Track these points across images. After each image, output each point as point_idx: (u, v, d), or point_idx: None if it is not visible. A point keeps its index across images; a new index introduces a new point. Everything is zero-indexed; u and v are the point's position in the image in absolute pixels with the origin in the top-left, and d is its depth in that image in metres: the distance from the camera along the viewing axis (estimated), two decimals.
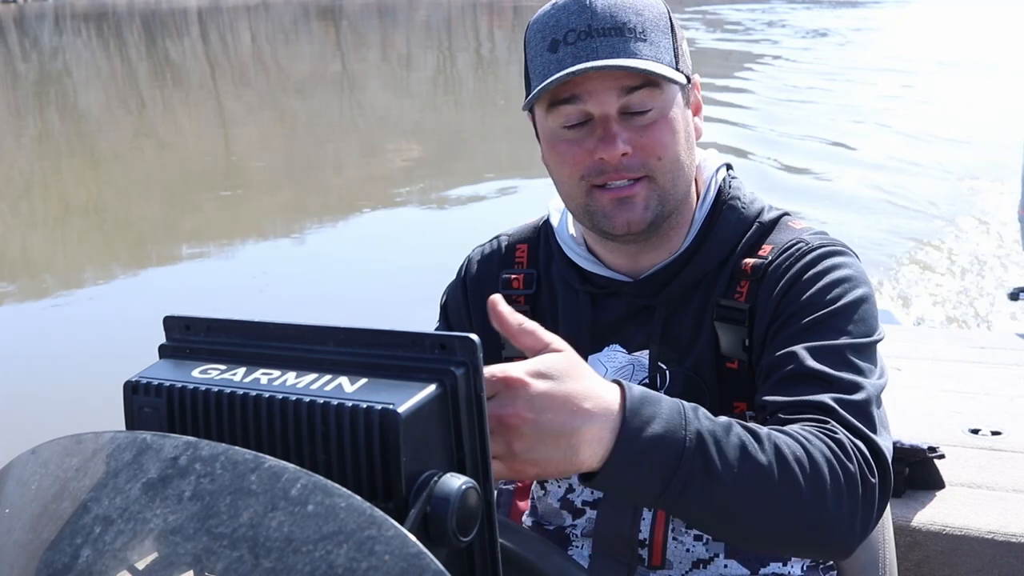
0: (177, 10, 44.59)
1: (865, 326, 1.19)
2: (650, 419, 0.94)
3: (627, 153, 1.20)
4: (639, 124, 1.21)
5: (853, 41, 22.41)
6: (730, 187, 1.34)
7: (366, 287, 6.48)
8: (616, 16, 1.20)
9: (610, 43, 1.18)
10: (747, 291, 1.26)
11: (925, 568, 1.87)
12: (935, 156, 9.76)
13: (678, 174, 1.25)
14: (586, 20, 1.19)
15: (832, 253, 1.25)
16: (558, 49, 1.20)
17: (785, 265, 1.24)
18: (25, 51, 29.44)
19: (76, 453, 0.69)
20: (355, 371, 0.74)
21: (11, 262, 7.89)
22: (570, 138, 1.23)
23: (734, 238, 1.30)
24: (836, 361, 1.14)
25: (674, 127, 1.23)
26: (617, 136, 1.20)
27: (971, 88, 14.04)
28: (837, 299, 1.20)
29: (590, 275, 1.35)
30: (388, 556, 0.61)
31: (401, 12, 39.63)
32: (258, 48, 28.42)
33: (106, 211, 9.67)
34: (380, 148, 12.39)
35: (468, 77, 20.71)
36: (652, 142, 1.21)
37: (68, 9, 46.69)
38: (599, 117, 1.21)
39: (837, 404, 1.10)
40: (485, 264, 1.44)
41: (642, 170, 1.22)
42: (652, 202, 1.23)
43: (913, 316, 5.41)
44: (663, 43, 1.22)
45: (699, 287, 1.30)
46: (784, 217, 1.33)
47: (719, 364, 1.27)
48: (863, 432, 1.08)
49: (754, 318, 1.24)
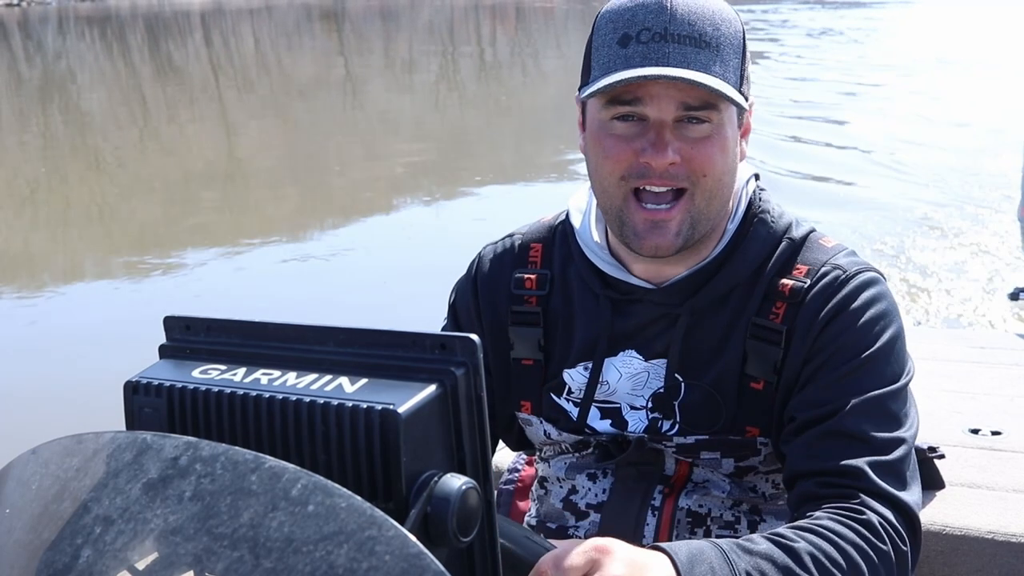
0: (180, 13, 44.67)
1: (900, 365, 1.23)
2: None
3: (675, 163, 1.19)
4: (692, 136, 1.20)
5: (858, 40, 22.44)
6: (760, 200, 1.34)
7: (369, 287, 6.48)
8: (695, 25, 1.18)
9: (683, 52, 1.16)
10: (784, 313, 1.25)
11: (925, 568, 1.87)
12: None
13: (717, 194, 1.23)
14: (663, 22, 1.17)
15: (868, 283, 1.26)
16: (628, 45, 1.18)
17: (826, 294, 1.25)
18: (29, 54, 29.49)
19: (76, 453, 0.70)
20: (355, 371, 0.74)
21: (13, 263, 7.91)
22: (620, 133, 1.21)
23: (764, 252, 1.29)
24: (877, 416, 1.18)
25: (725, 146, 1.21)
26: (669, 145, 1.18)
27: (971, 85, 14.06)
28: (877, 339, 1.22)
29: (612, 280, 1.33)
30: (388, 556, 0.61)
31: (404, 14, 39.67)
32: (261, 51, 28.46)
33: (109, 212, 9.69)
34: (383, 150, 12.39)
35: (471, 79, 20.72)
36: (701, 157, 1.20)
37: (71, 12, 46.78)
38: (655, 121, 1.19)
39: (870, 467, 1.14)
40: (497, 262, 1.42)
41: (685, 182, 1.21)
42: (685, 227, 1.22)
43: (913, 316, 5.40)
44: (733, 62, 1.20)
45: (727, 301, 1.29)
46: (812, 234, 1.32)
47: (742, 383, 1.27)
48: (892, 497, 1.14)
49: (791, 341, 1.24)
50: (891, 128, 11.14)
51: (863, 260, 1.30)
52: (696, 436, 1.28)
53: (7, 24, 40.63)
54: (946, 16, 27.42)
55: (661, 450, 1.30)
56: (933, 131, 10.88)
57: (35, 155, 12.86)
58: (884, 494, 1.14)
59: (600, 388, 1.32)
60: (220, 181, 10.92)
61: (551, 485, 1.40)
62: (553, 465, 1.39)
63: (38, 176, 11.38)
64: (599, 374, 1.32)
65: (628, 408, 1.32)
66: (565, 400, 1.35)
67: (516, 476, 1.57)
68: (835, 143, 10.53)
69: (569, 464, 1.37)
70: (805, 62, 17.55)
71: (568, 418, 1.35)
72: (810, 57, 18.34)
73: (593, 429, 1.33)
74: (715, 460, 1.29)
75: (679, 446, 1.29)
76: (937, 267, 6.28)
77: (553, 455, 1.40)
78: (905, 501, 1.15)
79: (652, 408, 1.30)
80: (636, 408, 1.31)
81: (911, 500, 1.16)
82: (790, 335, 1.24)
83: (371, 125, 14.89)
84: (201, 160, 12.38)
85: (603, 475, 1.34)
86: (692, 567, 0.99)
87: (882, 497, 1.14)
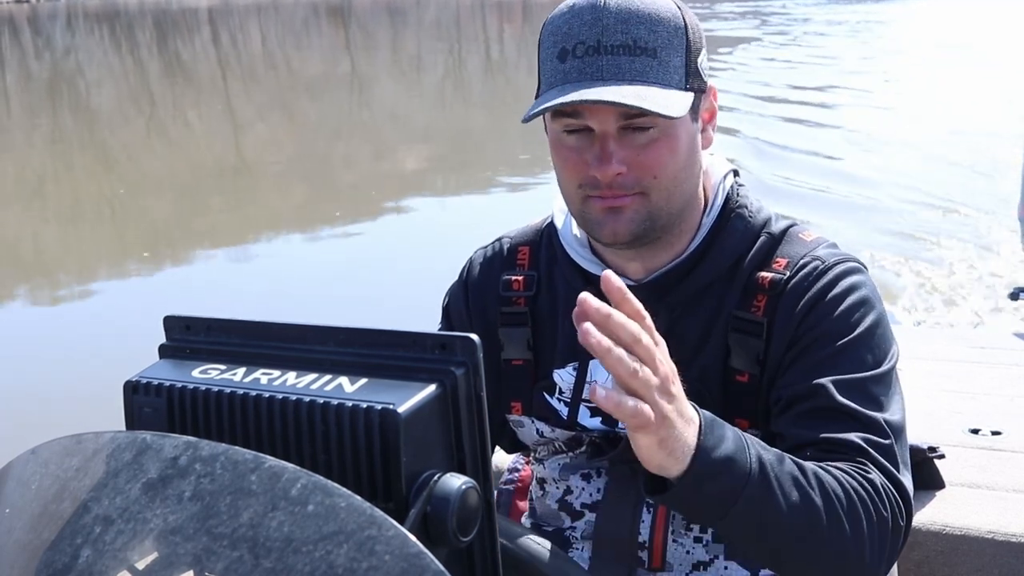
0: (188, 9, 44.73)
1: (882, 351, 1.23)
2: (720, 439, 1.01)
3: (621, 173, 1.19)
4: (638, 143, 1.20)
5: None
6: (737, 195, 1.34)
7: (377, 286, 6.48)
8: (628, 32, 1.17)
9: (616, 63, 1.16)
10: (764, 305, 1.26)
11: (925, 568, 1.87)
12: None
13: (674, 191, 1.24)
14: (596, 34, 1.17)
15: (848, 272, 1.26)
16: (566, 60, 1.19)
17: (805, 284, 1.25)
18: (38, 50, 29.58)
19: (76, 453, 0.70)
20: (355, 371, 0.74)
21: (23, 258, 7.93)
22: (571, 145, 1.23)
23: (742, 246, 1.30)
24: (861, 396, 1.18)
25: (674, 145, 1.21)
26: (612, 156, 1.19)
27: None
28: (857, 325, 1.22)
29: (593, 277, 1.34)
30: (388, 556, 0.61)
31: (410, 11, 39.66)
32: (268, 48, 28.49)
33: (118, 207, 9.71)
34: (390, 147, 12.40)
35: (477, 77, 20.72)
36: (649, 161, 1.20)
37: (80, 9, 46.88)
38: (599, 133, 1.20)
39: (868, 445, 1.14)
40: (487, 266, 1.44)
41: (636, 188, 1.21)
42: (640, 216, 1.23)
43: (913, 316, 5.39)
44: (674, 61, 1.20)
45: (707, 295, 1.29)
46: (793, 228, 1.32)
47: (727, 376, 1.27)
48: (894, 475, 1.14)
49: (772, 333, 1.24)
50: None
51: (843, 252, 1.30)
52: None
53: (17, 20, 40.74)
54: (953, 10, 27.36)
55: None
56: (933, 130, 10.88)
57: (44, 149, 12.90)
58: (885, 470, 1.13)
59: (588, 387, 1.33)
60: (228, 177, 10.93)
61: (548, 486, 1.40)
62: (548, 466, 1.40)
63: (46, 169, 11.41)
64: (586, 373, 1.33)
65: None
66: (556, 400, 1.36)
67: (516, 476, 1.57)
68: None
69: (563, 465, 1.37)
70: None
71: (559, 417, 1.36)
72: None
73: (584, 427, 1.34)
74: None
75: None
76: (937, 266, 6.27)
77: (547, 455, 1.40)
78: (902, 481, 1.14)
79: None
80: None
81: (907, 484, 1.15)
82: (771, 327, 1.25)
83: (377, 121, 14.90)
84: (209, 156, 12.41)
85: (597, 475, 1.34)
86: (712, 426, 1.01)
87: (883, 470, 1.13)
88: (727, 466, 1.00)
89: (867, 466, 1.12)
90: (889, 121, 11.39)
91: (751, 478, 1.01)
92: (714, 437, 1.00)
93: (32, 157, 12.41)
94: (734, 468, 1.00)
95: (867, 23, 25.84)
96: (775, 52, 18.63)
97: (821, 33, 22.14)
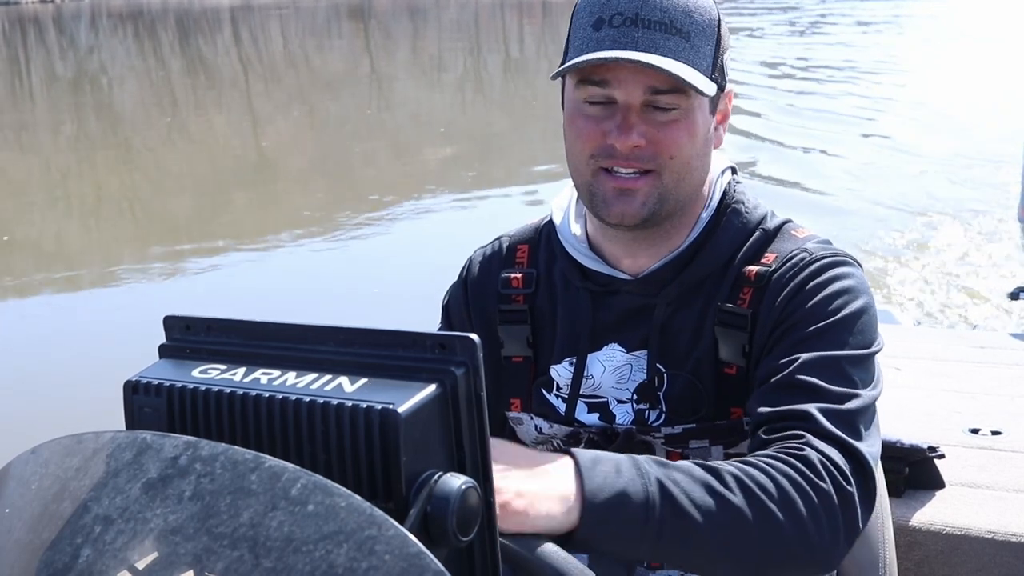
0: (209, 9, 44.97)
1: (863, 338, 1.21)
2: (607, 475, 0.99)
3: (640, 145, 1.21)
4: (659, 120, 1.22)
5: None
6: (735, 191, 1.35)
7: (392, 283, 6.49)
8: (667, 11, 1.20)
9: (652, 37, 1.18)
10: (750, 298, 1.26)
11: (925, 568, 1.87)
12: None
13: (685, 176, 1.25)
14: (635, 7, 1.19)
15: (835, 263, 1.26)
16: (601, 28, 1.21)
17: (789, 275, 1.25)
18: (63, 49, 29.81)
19: (76, 453, 0.70)
20: (355, 371, 0.74)
21: (47, 254, 8.00)
22: (590, 114, 1.24)
23: (736, 242, 1.30)
24: (830, 373, 1.16)
25: (693, 131, 1.23)
26: (634, 128, 1.20)
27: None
28: (838, 310, 1.21)
29: (591, 272, 1.36)
30: (388, 556, 0.61)
31: (430, 11, 39.72)
32: (289, 48, 28.60)
33: (140, 205, 9.78)
34: (411, 147, 12.42)
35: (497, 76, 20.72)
36: (668, 140, 1.22)
37: (104, 8, 47.21)
38: (622, 104, 1.21)
39: (820, 412, 1.12)
40: (486, 265, 1.45)
41: (651, 164, 1.23)
42: (651, 199, 1.24)
43: (912, 316, 5.35)
44: (705, 49, 1.22)
45: (700, 290, 1.30)
46: (787, 225, 1.33)
47: (718, 369, 1.28)
48: (840, 439, 1.10)
49: (756, 325, 1.25)
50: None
51: (834, 247, 1.30)
52: (683, 425, 1.29)
53: (42, 20, 41.09)
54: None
55: (650, 442, 1.31)
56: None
57: (67, 147, 13.00)
58: (830, 435, 1.10)
59: (585, 383, 1.34)
60: (249, 176, 10.98)
61: None
62: None
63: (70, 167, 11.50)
64: (583, 368, 1.34)
65: (615, 402, 1.34)
66: (554, 396, 1.37)
67: None
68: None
69: None
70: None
71: (557, 413, 1.36)
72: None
73: (582, 423, 1.35)
74: (704, 449, 1.30)
75: (667, 436, 1.30)
76: (937, 266, 6.23)
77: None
78: (854, 445, 1.10)
79: (638, 400, 1.32)
80: (622, 402, 1.33)
81: (863, 448, 1.11)
82: (755, 319, 1.25)
83: (397, 121, 14.92)
84: (229, 155, 12.47)
85: None
86: (595, 465, 0.99)
87: (828, 438, 1.10)
88: (621, 500, 0.98)
89: (806, 439, 1.09)
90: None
91: (651, 501, 0.99)
92: (598, 476, 0.99)
93: (56, 155, 12.50)
94: (629, 500, 0.99)
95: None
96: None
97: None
